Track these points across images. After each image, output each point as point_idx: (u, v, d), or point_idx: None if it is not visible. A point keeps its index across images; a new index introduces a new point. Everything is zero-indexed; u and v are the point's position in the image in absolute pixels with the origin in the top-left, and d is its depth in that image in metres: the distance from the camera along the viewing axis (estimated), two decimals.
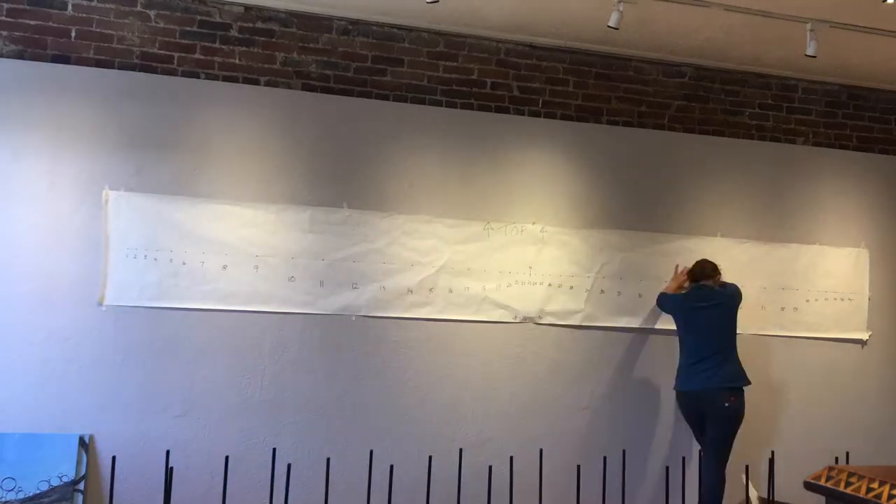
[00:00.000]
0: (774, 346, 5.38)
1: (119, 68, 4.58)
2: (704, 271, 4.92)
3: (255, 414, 4.55)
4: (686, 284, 5.00)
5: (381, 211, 4.84)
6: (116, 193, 4.45)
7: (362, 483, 4.46)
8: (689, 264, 5.12)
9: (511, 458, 4.34)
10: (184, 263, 4.50)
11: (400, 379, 4.78)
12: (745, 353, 5.33)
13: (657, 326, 5.20)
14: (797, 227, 5.52)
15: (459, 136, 5.01)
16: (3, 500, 4.11)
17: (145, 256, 4.46)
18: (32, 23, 4.50)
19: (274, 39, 4.83)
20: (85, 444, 4.30)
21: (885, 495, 2.80)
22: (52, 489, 4.19)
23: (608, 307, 5.14)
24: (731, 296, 4.92)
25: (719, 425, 4.70)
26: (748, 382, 4.80)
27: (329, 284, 4.70)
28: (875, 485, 2.88)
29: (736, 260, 5.36)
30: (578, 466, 4.20)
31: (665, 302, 5.03)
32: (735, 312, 4.91)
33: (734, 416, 4.71)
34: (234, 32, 4.78)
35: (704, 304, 4.83)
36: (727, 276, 5.29)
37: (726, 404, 4.67)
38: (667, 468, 4.46)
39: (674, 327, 5.05)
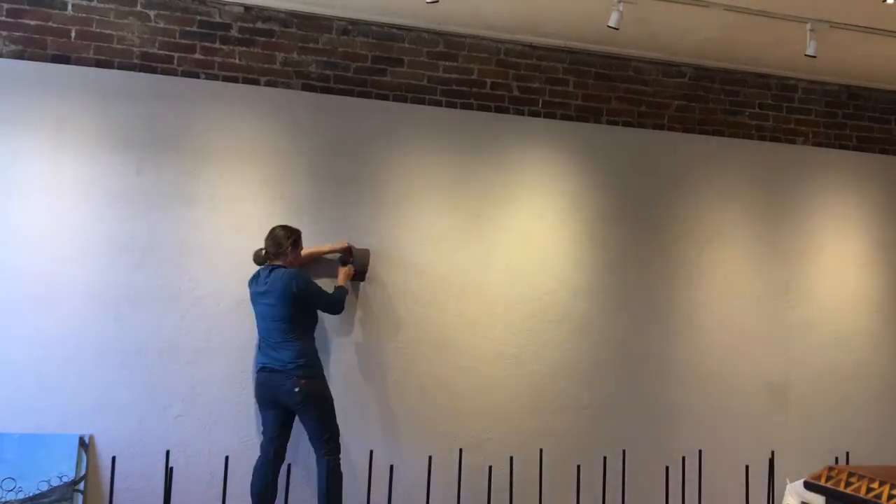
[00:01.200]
0: (774, 346, 5.38)
1: (119, 68, 4.58)
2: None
3: (255, 414, 4.54)
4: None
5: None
6: None
7: (362, 483, 4.47)
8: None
9: (511, 458, 4.34)
10: None
11: (400, 379, 4.78)
12: (746, 353, 5.33)
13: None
14: (797, 226, 5.52)
15: (459, 136, 5.01)
16: (3, 500, 4.11)
17: None
18: (32, 23, 4.50)
19: (274, 39, 4.83)
20: (85, 444, 4.30)
21: (885, 495, 2.79)
22: (52, 489, 4.19)
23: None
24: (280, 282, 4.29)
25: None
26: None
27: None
28: (875, 485, 2.87)
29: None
30: (578, 466, 4.20)
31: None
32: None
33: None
34: (234, 32, 4.78)
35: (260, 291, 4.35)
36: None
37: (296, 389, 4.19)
38: (667, 468, 4.46)
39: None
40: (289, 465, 4.38)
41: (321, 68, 4.90)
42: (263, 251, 4.42)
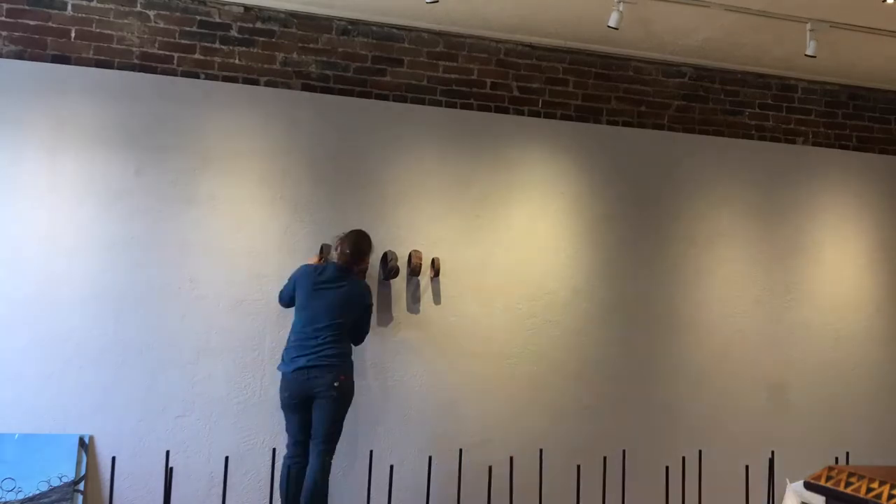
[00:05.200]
0: (774, 346, 5.38)
1: (119, 68, 4.58)
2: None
3: (255, 414, 4.55)
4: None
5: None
6: None
7: (362, 483, 4.46)
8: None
9: (511, 458, 4.33)
10: None
11: (400, 379, 4.78)
12: (746, 353, 5.33)
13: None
14: (797, 226, 5.52)
15: (459, 137, 5.01)
16: (3, 500, 4.11)
17: None
18: (32, 23, 4.50)
19: (274, 39, 4.83)
20: (85, 445, 4.30)
21: (885, 495, 2.79)
22: (52, 489, 4.19)
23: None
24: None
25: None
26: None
27: None
28: (875, 485, 2.87)
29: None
30: (578, 466, 4.20)
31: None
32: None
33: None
34: (233, 33, 4.78)
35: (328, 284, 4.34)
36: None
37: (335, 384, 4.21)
38: (667, 468, 4.45)
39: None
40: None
41: (321, 68, 4.90)
42: (347, 251, 4.39)
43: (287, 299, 4.43)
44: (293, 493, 4.18)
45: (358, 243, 4.45)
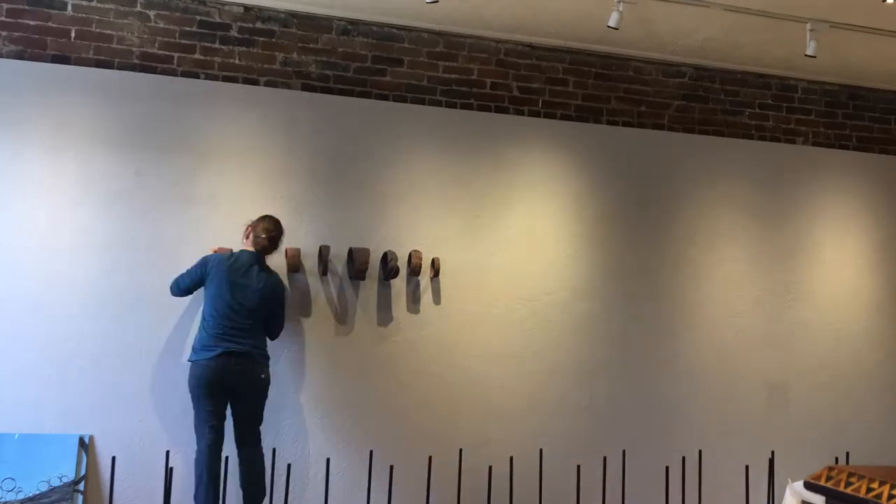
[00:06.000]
0: (774, 346, 5.38)
1: (119, 68, 4.58)
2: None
3: None
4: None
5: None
6: None
7: (362, 483, 4.47)
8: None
9: (511, 458, 4.34)
10: None
11: (400, 379, 4.78)
12: (746, 353, 5.33)
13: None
14: (796, 226, 5.52)
15: (459, 137, 5.01)
16: (3, 500, 4.11)
17: None
18: (32, 23, 4.50)
19: (274, 39, 4.84)
20: (85, 445, 4.30)
21: (885, 495, 2.80)
22: (52, 489, 4.19)
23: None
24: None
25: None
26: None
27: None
28: (875, 485, 2.88)
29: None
30: (578, 466, 4.20)
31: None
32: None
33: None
34: (233, 33, 4.78)
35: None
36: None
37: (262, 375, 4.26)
38: (667, 468, 4.45)
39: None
40: (289, 465, 4.38)
41: (321, 68, 4.90)
42: (263, 236, 4.33)
43: (188, 286, 4.32)
44: (216, 474, 4.16)
45: (272, 228, 4.36)
